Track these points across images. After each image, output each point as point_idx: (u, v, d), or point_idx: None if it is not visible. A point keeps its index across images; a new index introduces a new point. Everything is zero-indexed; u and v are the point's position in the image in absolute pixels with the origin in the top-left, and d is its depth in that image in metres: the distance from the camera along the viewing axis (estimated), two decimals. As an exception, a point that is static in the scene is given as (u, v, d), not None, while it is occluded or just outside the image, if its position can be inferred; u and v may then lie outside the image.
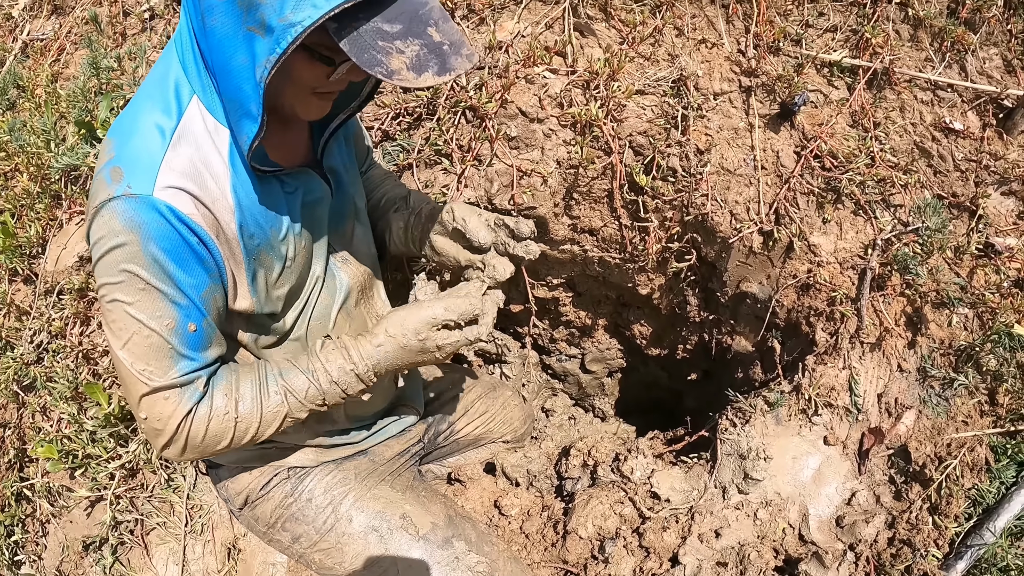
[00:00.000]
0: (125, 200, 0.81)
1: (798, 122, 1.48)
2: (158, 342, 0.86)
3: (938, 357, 1.53)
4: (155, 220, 0.81)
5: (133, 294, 0.83)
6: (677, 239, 1.51)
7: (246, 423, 0.96)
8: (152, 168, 0.82)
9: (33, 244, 1.73)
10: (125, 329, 0.86)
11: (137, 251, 0.81)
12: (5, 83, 1.90)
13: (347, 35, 0.75)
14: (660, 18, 1.46)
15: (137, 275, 0.82)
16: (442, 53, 0.77)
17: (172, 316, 0.86)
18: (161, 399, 0.89)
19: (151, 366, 0.87)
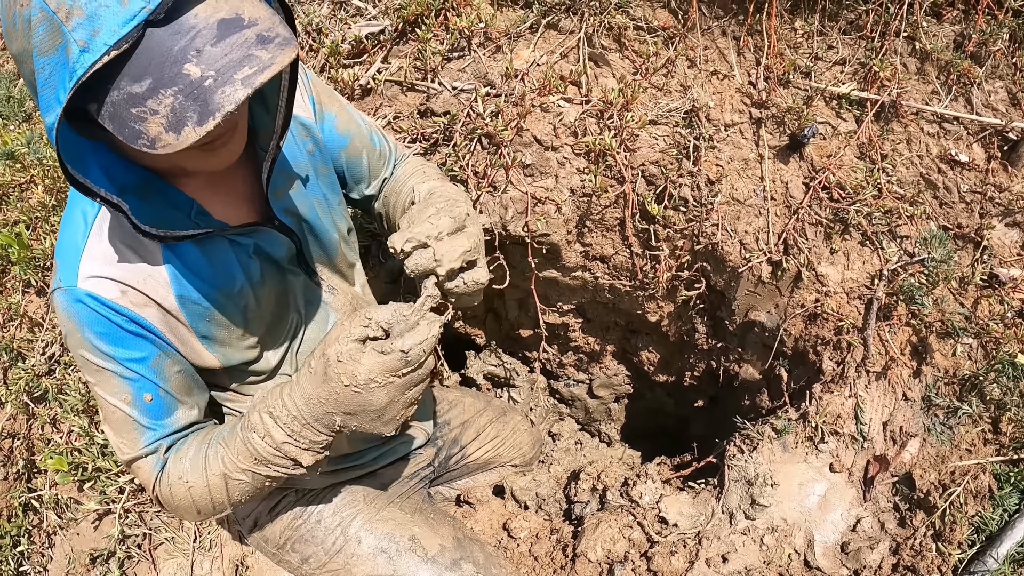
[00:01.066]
0: (59, 293, 0.86)
1: (807, 153, 1.53)
2: (122, 416, 0.91)
3: (942, 386, 1.57)
4: (83, 309, 0.84)
5: (92, 374, 0.89)
6: (687, 267, 1.56)
7: (199, 489, 0.93)
8: (75, 260, 0.85)
9: (47, 256, 1.76)
10: (100, 405, 0.92)
11: (79, 338, 0.86)
12: (22, 95, 1.95)
13: (106, 113, 0.66)
14: (673, 49, 1.52)
15: (87, 359, 0.87)
16: (203, 92, 0.64)
17: (126, 391, 0.89)
18: (136, 468, 0.95)
19: (124, 438, 0.93)
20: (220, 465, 0.91)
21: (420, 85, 1.50)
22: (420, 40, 1.50)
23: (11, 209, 1.84)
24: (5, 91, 1.98)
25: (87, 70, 0.61)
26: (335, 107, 1.06)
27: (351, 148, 1.09)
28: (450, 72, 1.51)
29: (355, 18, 1.59)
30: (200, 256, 0.89)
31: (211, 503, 0.94)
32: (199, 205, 0.87)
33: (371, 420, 0.85)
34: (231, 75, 0.64)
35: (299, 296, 1.04)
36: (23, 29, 0.65)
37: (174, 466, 0.93)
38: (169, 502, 0.94)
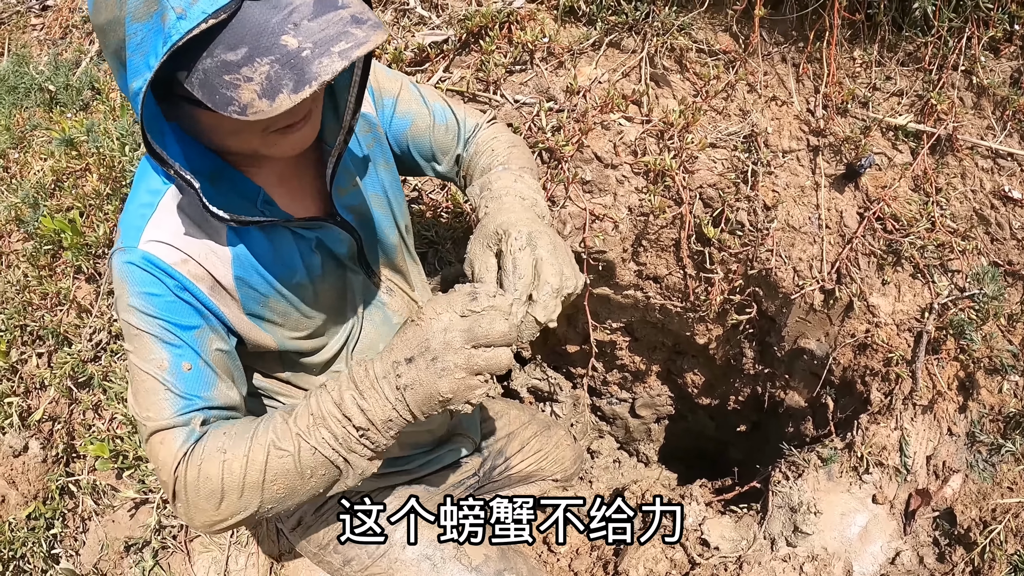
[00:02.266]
0: (117, 254, 0.87)
1: (862, 184, 1.55)
2: (153, 384, 0.86)
3: (987, 423, 1.58)
4: (137, 271, 0.85)
5: (131, 340, 0.87)
6: (739, 292, 1.59)
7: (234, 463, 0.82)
8: (139, 225, 0.87)
9: (100, 244, 1.81)
10: (131, 376, 0.89)
11: (127, 301, 0.86)
12: (81, 84, 2.00)
13: (196, 80, 0.69)
14: (733, 73, 1.55)
15: (129, 322, 0.86)
16: (300, 62, 0.66)
17: (164, 356, 0.86)
18: (158, 443, 0.86)
19: (150, 409, 0.86)
20: (269, 434, 0.82)
21: (482, 96, 1.53)
22: (484, 52, 1.54)
23: (65, 195, 1.89)
24: (64, 80, 2.04)
25: (183, 36, 0.64)
26: (395, 87, 1.09)
27: (414, 128, 1.09)
28: (512, 85, 1.54)
29: (418, 27, 1.63)
30: (265, 244, 0.91)
31: (240, 487, 0.82)
32: (266, 194, 0.90)
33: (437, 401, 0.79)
34: (328, 48, 0.66)
35: (358, 295, 1.07)
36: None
37: (213, 440, 0.84)
38: (192, 483, 0.82)
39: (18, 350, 1.88)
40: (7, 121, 2.09)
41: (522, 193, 1.01)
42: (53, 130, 1.90)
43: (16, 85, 2.11)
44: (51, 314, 1.84)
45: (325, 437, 0.80)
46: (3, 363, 1.86)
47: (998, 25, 1.56)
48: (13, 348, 1.88)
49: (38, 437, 1.84)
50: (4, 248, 1.98)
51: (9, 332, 1.89)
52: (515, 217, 0.92)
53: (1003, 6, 1.58)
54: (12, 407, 1.82)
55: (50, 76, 2.05)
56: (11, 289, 1.91)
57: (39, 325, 1.83)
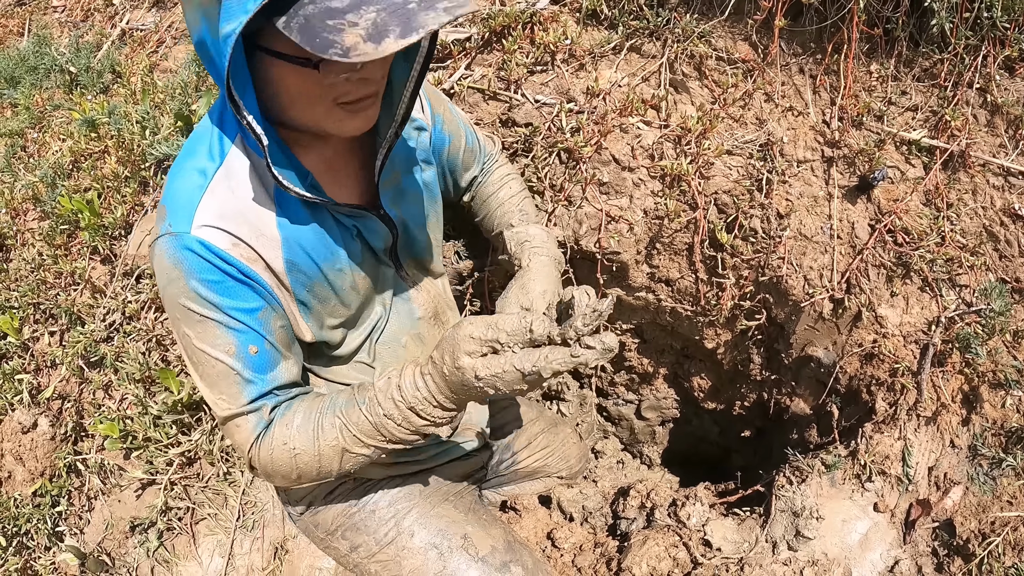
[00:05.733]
0: (167, 239, 0.88)
1: (875, 196, 1.60)
2: (223, 369, 0.91)
3: (989, 436, 1.62)
4: (192, 257, 0.87)
5: (193, 326, 0.90)
6: (750, 298, 1.63)
7: (307, 456, 0.94)
8: (190, 208, 0.88)
9: (116, 225, 1.85)
10: (196, 360, 0.93)
11: (183, 287, 0.88)
12: (102, 67, 2.04)
13: (296, 24, 0.72)
14: (752, 82, 1.60)
15: (190, 309, 0.89)
16: (407, 12, 0.70)
17: (231, 342, 0.90)
18: (234, 427, 0.95)
19: (223, 394, 0.93)
20: (337, 436, 0.93)
21: (503, 95, 1.58)
22: (506, 51, 1.59)
23: (84, 176, 1.94)
24: (85, 62, 2.09)
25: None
26: (442, 109, 1.20)
27: (452, 146, 1.22)
28: (533, 85, 1.59)
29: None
30: (312, 227, 0.95)
31: (317, 471, 0.95)
32: (314, 178, 0.94)
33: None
34: (433, 3, 0.71)
35: (387, 288, 1.13)
36: None
37: (280, 430, 0.94)
38: (267, 465, 0.95)
39: (31, 328, 1.93)
40: (27, 101, 2.14)
41: (551, 252, 1.24)
42: (74, 111, 1.95)
43: (36, 66, 2.15)
44: (65, 293, 1.89)
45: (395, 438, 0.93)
46: (15, 340, 1.91)
47: (1014, 45, 1.60)
48: (26, 325, 1.93)
49: (47, 415, 1.89)
50: (20, 226, 2.02)
51: (23, 310, 1.93)
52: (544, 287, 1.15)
53: (1020, 26, 1.62)
54: (23, 384, 1.87)
55: (71, 58, 2.10)
56: (26, 267, 1.95)
57: (53, 304, 1.88)
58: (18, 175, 2.05)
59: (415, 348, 1.18)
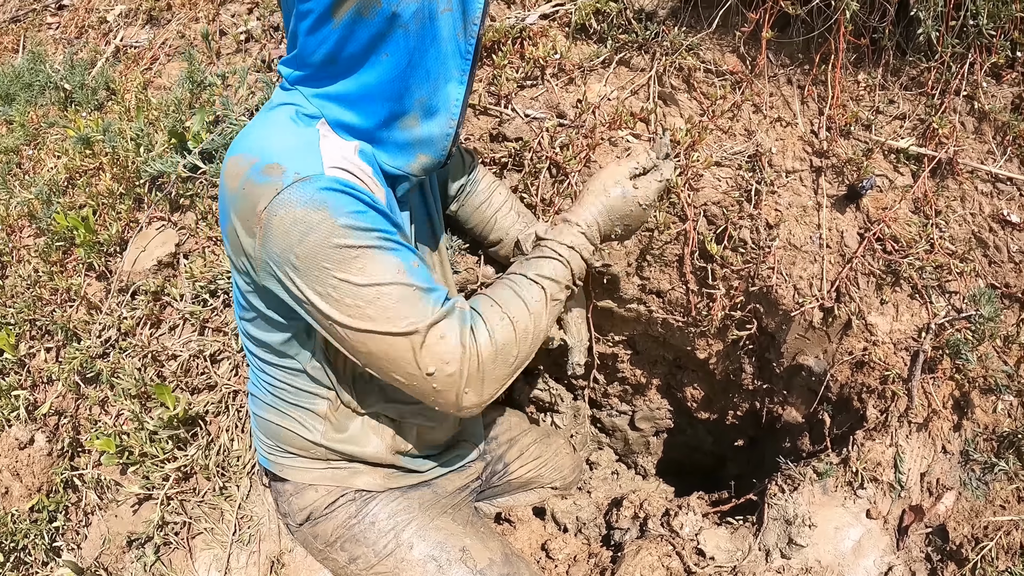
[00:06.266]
0: (298, 186, 0.89)
1: (863, 205, 1.63)
2: (400, 292, 0.92)
3: (981, 442, 1.64)
4: (334, 194, 0.90)
5: (351, 265, 0.90)
6: (740, 308, 1.66)
7: (523, 321, 1.02)
8: (314, 155, 0.93)
9: (112, 243, 1.88)
10: (366, 302, 0.91)
11: (332, 225, 0.88)
12: (96, 84, 2.08)
13: None
14: (740, 94, 1.63)
15: (346, 246, 0.89)
16: None
17: (397, 262, 0.93)
18: (436, 339, 0.94)
19: (410, 316, 0.92)
20: (542, 292, 1.05)
21: (493, 110, 1.61)
22: (496, 66, 1.62)
23: (79, 193, 1.97)
24: (80, 79, 2.12)
25: None
26: None
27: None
28: (523, 99, 1.62)
29: (433, 39, 1.71)
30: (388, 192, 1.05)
31: (533, 334, 1.03)
32: None
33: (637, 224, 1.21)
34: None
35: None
36: None
37: (488, 312, 1.00)
38: (489, 356, 0.97)
39: (27, 344, 1.95)
40: (22, 118, 2.17)
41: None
42: (69, 128, 1.98)
43: (31, 82, 2.19)
44: (61, 310, 1.91)
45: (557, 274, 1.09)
46: (11, 356, 1.93)
47: (1000, 52, 1.63)
48: (22, 342, 1.95)
49: (44, 430, 1.91)
50: (16, 243, 2.05)
51: (18, 326, 1.96)
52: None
53: (1006, 33, 1.65)
54: (19, 400, 1.89)
55: (66, 75, 2.13)
56: (22, 283, 1.98)
57: (49, 320, 1.90)
58: (13, 192, 2.08)
59: None
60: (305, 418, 1.21)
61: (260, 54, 1.93)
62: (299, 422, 1.21)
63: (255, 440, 1.35)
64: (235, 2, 2.02)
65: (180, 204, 1.80)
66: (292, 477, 1.28)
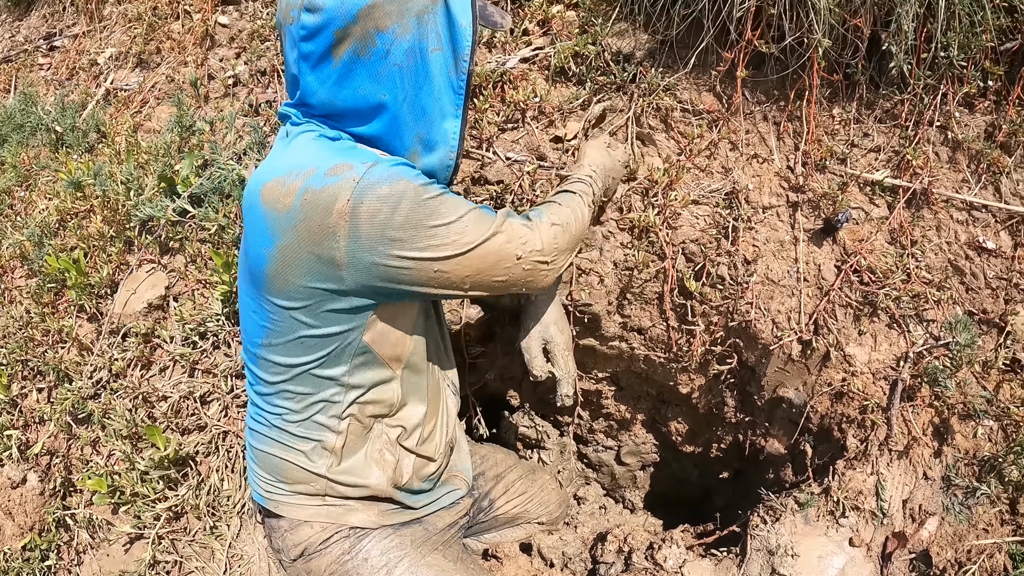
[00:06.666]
0: (373, 170, 1.04)
1: (840, 237, 1.68)
2: (476, 214, 1.12)
3: (962, 467, 1.68)
4: (401, 167, 1.07)
5: (441, 209, 1.07)
6: (720, 343, 1.70)
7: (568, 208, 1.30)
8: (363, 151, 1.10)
9: (103, 285, 1.92)
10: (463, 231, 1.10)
11: (416, 187, 1.04)
12: (87, 126, 2.13)
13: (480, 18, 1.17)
14: (716, 132, 1.68)
15: (431, 198, 1.06)
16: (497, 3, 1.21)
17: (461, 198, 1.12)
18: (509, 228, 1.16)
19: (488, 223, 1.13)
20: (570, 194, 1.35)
21: (475, 153, 1.67)
22: (478, 110, 1.68)
23: (70, 235, 2.01)
24: (71, 122, 2.17)
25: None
26: None
27: None
28: (504, 142, 1.68)
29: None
30: None
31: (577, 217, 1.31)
32: None
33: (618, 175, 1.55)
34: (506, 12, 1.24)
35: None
36: None
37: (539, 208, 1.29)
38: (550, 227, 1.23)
39: (19, 384, 1.99)
40: (14, 159, 2.22)
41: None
42: (60, 171, 2.03)
43: (23, 123, 2.24)
44: (52, 351, 1.95)
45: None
46: (4, 397, 1.97)
47: (972, 81, 1.69)
48: (14, 382, 1.99)
49: (36, 470, 1.94)
50: (8, 284, 2.09)
51: (10, 367, 1.99)
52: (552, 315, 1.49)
53: (976, 63, 1.71)
54: (12, 440, 1.93)
55: (57, 117, 2.18)
56: (13, 324, 2.02)
57: (40, 361, 1.94)
58: (5, 233, 2.13)
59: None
60: (312, 450, 1.25)
61: (247, 98, 1.98)
62: (304, 454, 1.26)
63: (250, 476, 1.39)
64: (223, 47, 2.08)
65: (170, 247, 1.85)
66: (287, 513, 1.31)
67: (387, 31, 1.06)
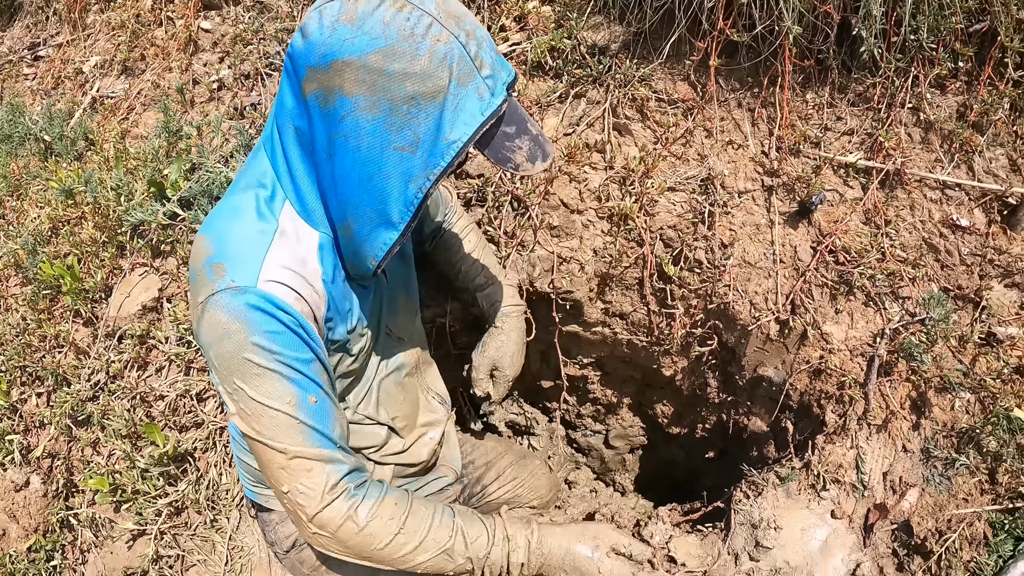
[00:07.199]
0: (229, 293, 0.95)
1: (815, 219, 1.75)
2: (286, 420, 0.99)
3: (941, 439, 1.74)
4: (254, 311, 0.96)
5: (250, 380, 0.97)
6: (700, 325, 1.77)
7: (409, 538, 1.06)
8: (255, 262, 0.98)
9: (97, 289, 1.98)
10: (254, 414, 0.99)
11: (243, 340, 0.95)
12: (75, 134, 2.19)
13: (484, 143, 1.00)
14: (691, 120, 1.75)
15: (250, 361, 0.96)
16: (540, 143, 1.03)
17: (291, 393, 0.99)
18: (303, 469, 1.01)
19: (285, 441, 1.00)
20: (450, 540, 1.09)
21: (457, 147, 1.73)
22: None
23: (63, 242, 2.07)
24: (59, 131, 2.23)
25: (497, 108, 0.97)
26: None
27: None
28: (485, 136, 1.74)
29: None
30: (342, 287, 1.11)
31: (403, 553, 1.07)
32: None
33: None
34: (546, 138, 1.05)
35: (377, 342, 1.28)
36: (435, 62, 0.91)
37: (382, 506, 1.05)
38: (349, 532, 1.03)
39: (18, 390, 2.05)
40: (3, 169, 2.27)
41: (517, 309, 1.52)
42: (51, 180, 2.09)
43: (11, 134, 2.29)
44: (50, 356, 2.02)
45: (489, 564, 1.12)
46: (3, 402, 2.03)
47: (942, 63, 1.74)
48: (13, 388, 2.05)
49: (39, 473, 2.01)
50: (3, 292, 2.15)
51: (9, 372, 2.06)
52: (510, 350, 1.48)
53: (946, 45, 1.77)
54: (13, 444, 1.99)
55: (44, 126, 2.23)
56: (10, 331, 2.08)
57: (39, 366, 2.01)
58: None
59: (398, 395, 1.33)
60: None
61: (232, 102, 2.04)
62: None
63: (238, 470, 1.45)
64: (206, 52, 2.14)
65: (161, 250, 1.91)
66: (276, 507, 1.38)
67: (350, 98, 0.92)
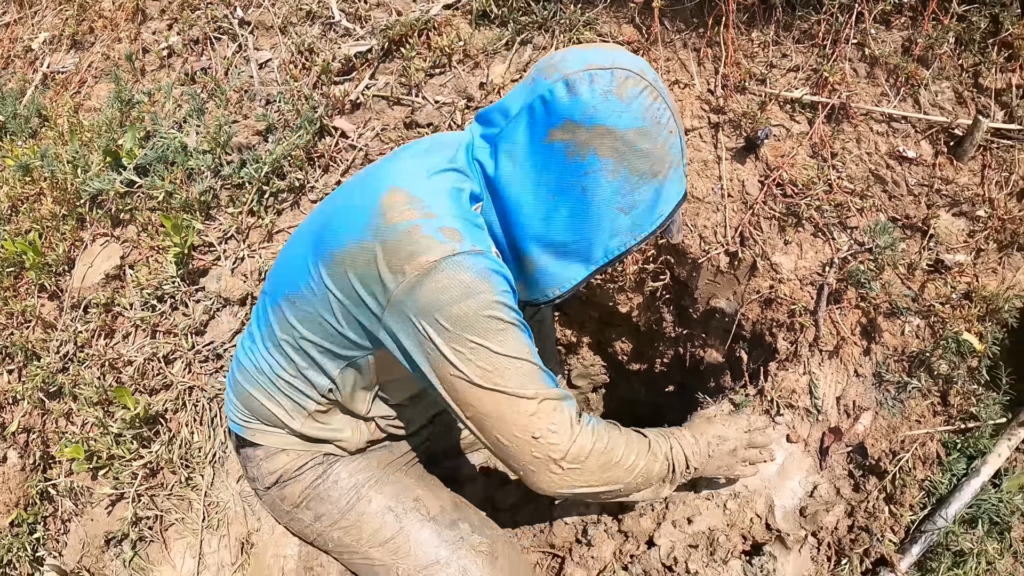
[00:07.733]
0: (473, 256, 1.05)
1: (762, 154, 1.81)
2: (530, 368, 1.10)
3: (892, 363, 1.81)
4: (495, 273, 1.08)
5: (494, 336, 1.07)
6: (652, 261, 1.84)
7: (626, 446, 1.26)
8: (481, 237, 1.11)
9: (60, 262, 2.02)
10: (497, 369, 1.08)
11: (491, 299, 1.05)
12: (28, 112, 2.21)
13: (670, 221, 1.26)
14: (637, 61, 1.80)
15: (495, 317, 1.06)
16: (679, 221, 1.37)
17: (528, 343, 1.12)
18: (551, 410, 1.12)
19: (533, 388, 1.11)
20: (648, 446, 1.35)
21: (405, 99, 1.77)
22: (404, 58, 1.78)
23: (23, 219, 2.11)
24: (12, 108, 2.25)
25: (687, 193, 1.23)
26: None
27: None
28: (432, 87, 1.78)
29: (344, 38, 1.87)
30: None
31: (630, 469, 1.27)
32: None
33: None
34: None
35: None
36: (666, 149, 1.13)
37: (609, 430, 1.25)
38: (596, 451, 1.18)
39: (-12, 368, 2.09)
40: (-42, 151, 2.30)
41: None
42: (7, 158, 2.12)
43: (-36, 115, 2.31)
44: (18, 332, 2.06)
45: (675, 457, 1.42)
46: (-25, 381, 2.08)
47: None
48: (-17, 367, 2.10)
49: (15, 447, 2.06)
50: (-33, 272, 2.19)
51: (-22, 352, 2.10)
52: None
53: (892, -19, 1.82)
54: (-12, 422, 2.04)
55: (-2, 105, 2.26)
56: (-23, 311, 2.12)
57: (7, 343, 2.05)
58: (-41, 223, 2.21)
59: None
60: (293, 408, 1.38)
61: (183, 67, 2.07)
62: (285, 410, 1.38)
63: (227, 406, 1.50)
64: (154, 20, 2.16)
65: (120, 219, 1.95)
66: (265, 442, 1.43)
67: (600, 158, 1.07)
